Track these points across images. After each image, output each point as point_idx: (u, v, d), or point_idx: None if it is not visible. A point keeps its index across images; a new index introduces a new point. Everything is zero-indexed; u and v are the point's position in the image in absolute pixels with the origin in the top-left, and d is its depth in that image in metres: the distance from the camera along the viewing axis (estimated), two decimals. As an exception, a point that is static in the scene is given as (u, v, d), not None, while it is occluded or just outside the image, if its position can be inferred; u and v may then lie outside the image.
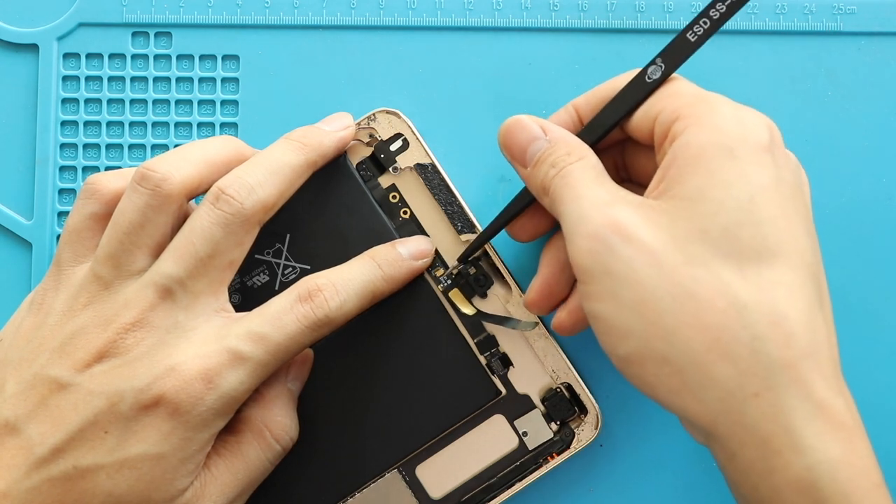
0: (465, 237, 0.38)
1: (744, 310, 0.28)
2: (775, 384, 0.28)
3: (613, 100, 0.33)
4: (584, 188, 0.31)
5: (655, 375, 0.29)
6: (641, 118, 0.33)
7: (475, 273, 0.38)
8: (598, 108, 0.34)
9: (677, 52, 0.33)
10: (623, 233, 0.29)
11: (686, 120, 0.31)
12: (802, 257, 0.29)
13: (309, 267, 0.37)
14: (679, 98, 0.32)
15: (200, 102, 0.41)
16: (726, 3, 0.32)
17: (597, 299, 0.30)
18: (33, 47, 0.41)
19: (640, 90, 0.33)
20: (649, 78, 0.33)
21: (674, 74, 0.33)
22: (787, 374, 0.28)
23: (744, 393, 0.28)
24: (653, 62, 0.33)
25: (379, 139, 0.39)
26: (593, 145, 0.34)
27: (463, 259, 0.38)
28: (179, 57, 0.41)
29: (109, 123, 0.41)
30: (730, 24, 0.40)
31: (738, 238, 0.29)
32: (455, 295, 0.38)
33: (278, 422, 0.35)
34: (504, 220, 0.36)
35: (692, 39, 0.33)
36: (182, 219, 0.34)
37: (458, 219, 0.38)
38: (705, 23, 0.32)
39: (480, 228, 0.38)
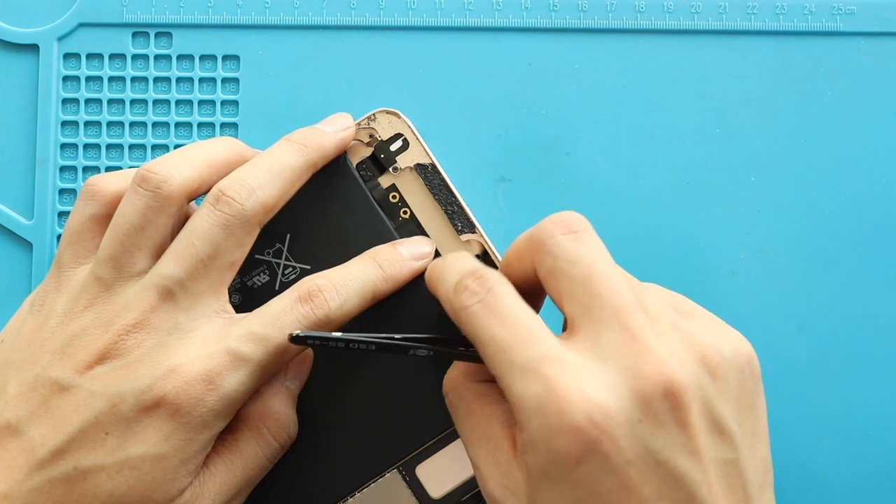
0: (465, 237, 0.38)
1: None
2: None
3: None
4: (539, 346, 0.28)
5: None
6: (511, 271, 0.31)
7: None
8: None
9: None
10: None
11: (580, 324, 0.29)
12: None
13: (309, 267, 0.37)
14: (562, 282, 0.29)
15: (200, 103, 0.41)
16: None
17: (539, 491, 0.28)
18: (33, 47, 0.41)
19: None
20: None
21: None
22: None
23: None
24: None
25: (379, 139, 0.39)
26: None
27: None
28: (179, 57, 0.41)
29: (110, 124, 0.41)
30: (730, 24, 0.40)
31: None
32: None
33: (276, 419, 0.35)
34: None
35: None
36: (183, 220, 0.34)
37: (458, 219, 0.38)
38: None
39: (480, 228, 0.38)
